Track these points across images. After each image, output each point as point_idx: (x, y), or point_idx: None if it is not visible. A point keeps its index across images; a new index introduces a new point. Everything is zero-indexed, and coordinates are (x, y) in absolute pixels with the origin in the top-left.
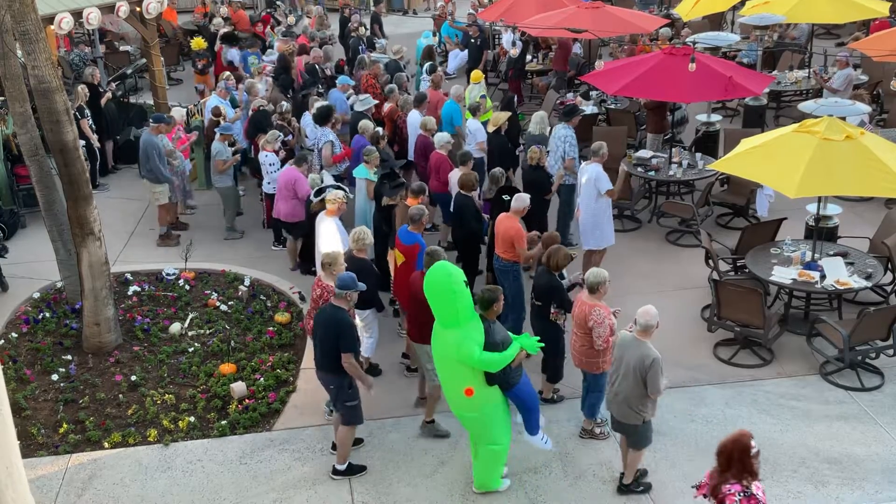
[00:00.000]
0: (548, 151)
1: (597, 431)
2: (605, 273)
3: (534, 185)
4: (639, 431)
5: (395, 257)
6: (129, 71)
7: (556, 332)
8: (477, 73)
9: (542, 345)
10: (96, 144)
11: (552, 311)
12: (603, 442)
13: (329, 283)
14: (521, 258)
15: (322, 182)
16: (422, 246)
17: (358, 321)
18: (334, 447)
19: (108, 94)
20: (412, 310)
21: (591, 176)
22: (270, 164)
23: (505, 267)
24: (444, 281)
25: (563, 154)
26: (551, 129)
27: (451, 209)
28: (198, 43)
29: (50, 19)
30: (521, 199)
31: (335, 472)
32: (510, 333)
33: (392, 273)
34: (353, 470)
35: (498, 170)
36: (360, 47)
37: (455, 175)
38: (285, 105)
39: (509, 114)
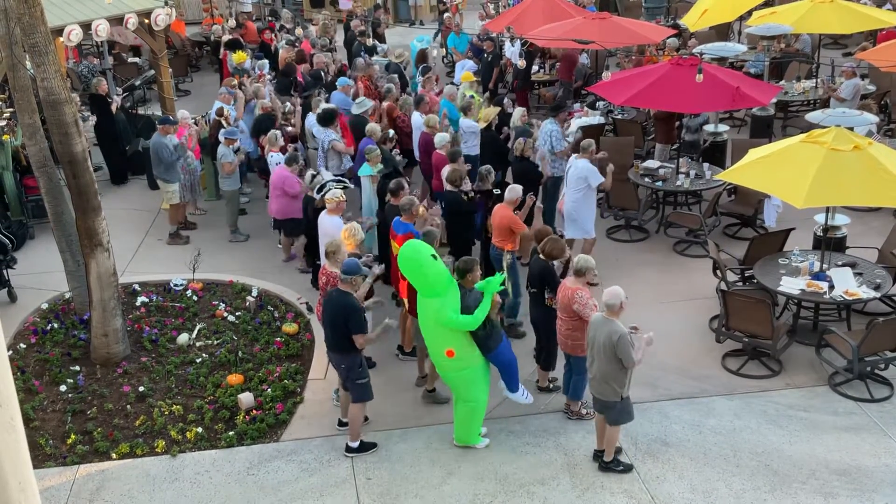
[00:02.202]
0: (534, 146)
1: (583, 412)
2: (593, 260)
3: (521, 175)
4: (617, 408)
5: (393, 248)
6: (137, 82)
7: (553, 319)
8: (467, 74)
9: (503, 276)
10: None
11: (546, 296)
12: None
13: (333, 270)
14: (520, 242)
15: (320, 179)
16: (415, 235)
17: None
18: (340, 423)
19: (118, 101)
20: (412, 290)
21: (579, 171)
22: (276, 164)
23: (500, 255)
24: (413, 258)
25: (552, 148)
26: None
27: (443, 204)
28: (240, 56)
29: (59, 31)
30: (514, 190)
31: (348, 449)
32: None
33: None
34: (365, 447)
35: (485, 167)
36: (360, 52)
37: (446, 171)
38: (288, 106)
39: (498, 109)
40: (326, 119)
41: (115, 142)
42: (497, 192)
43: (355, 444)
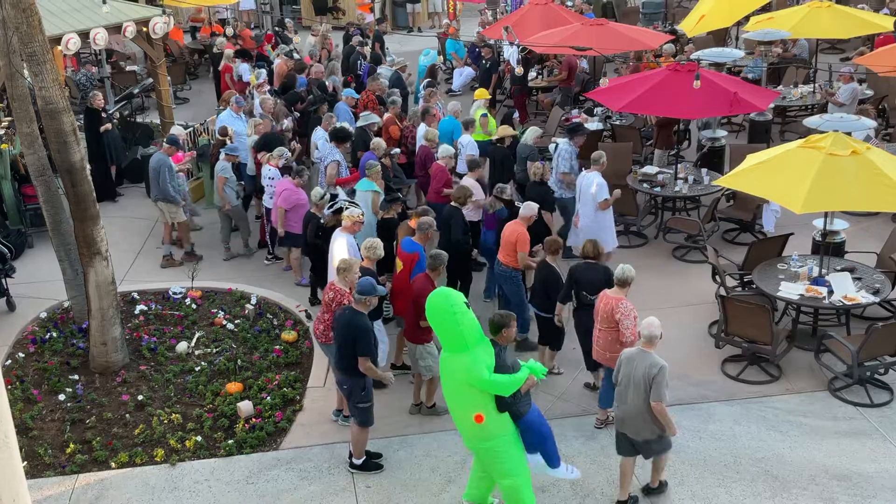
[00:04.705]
0: (551, 168)
1: (610, 418)
2: (633, 269)
3: (537, 200)
4: (655, 444)
5: (396, 265)
6: (135, 90)
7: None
8: (481, 91)
9: (546, 370)
10: None
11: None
12: (611, 460)
13: (341, 287)
14: (519, 263)
15: (336, 196)
16: (421, 256)
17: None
18: (338, 412)
19: (108, 126)
20: (411, 311)
21: (589, 184)
22: (270, 178)
23: (505, 272)
24: (444, 305)
25: (556, 167)
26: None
27: (441, 219)
28: (254, 79)
29: (57, 40)
30: (529, 207)
31: (352, 465)
32: (519, 361)
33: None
34: (370, 467)
35: (499, 186)
36: (358, 62)
37: (444, 150)
38: (286, 123)
39: (516, 133)
40: (338, 137)
41: (101, 159)
42: (518, 203)
43: (359, 462)
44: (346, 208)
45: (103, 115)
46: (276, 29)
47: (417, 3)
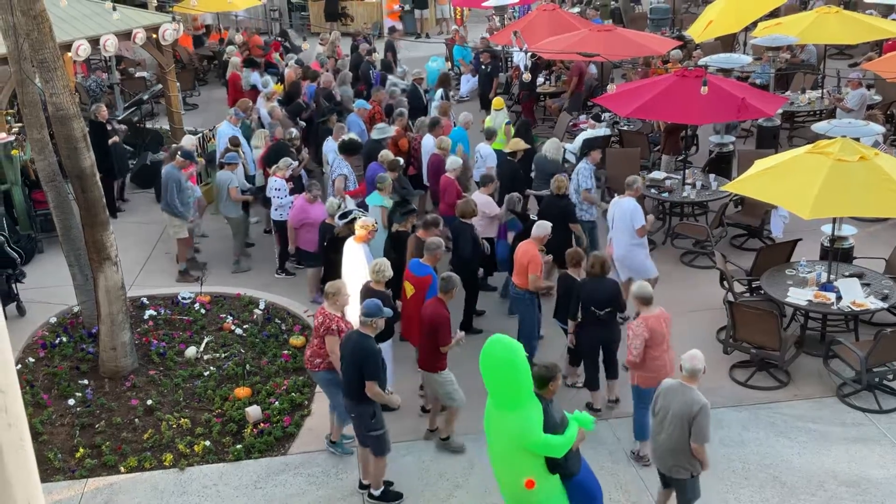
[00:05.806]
0: (572, 184)
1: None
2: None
3: (559, 214)
4: (687, 486)
5: (404, 288)
6: (145, 96)
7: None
8: (499, 101)
9: (594, 419)
10: None
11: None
12: (618, 466)
13: (331, 311)
14: (531, 286)
15: (344, 207)
16: (434, 278)
17: None
18: (361, 486)
19: (116, 139)
20: (423, 339)
21: (625, 210)
22: (277, 190)
23: (519, 294)
24: (508, 358)
25: (577, 186)
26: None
27: (450, 234)
28: (279, 88)
29: (67, 46)
30: (542, 227)
31: (370, 496)
32: (566, 414)
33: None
34: (389, 497)
35: (515, 195)
36: (370, 72)
37: (451, 162)
38: (294, 132)
39: (528, 146)
40: (347, 150)
41: (107, 174)
42: (534, 217)
43: (377, 493)
44: (359, 218)
45: (108, 126)
46: (279, 39)
47: (425, 9)
